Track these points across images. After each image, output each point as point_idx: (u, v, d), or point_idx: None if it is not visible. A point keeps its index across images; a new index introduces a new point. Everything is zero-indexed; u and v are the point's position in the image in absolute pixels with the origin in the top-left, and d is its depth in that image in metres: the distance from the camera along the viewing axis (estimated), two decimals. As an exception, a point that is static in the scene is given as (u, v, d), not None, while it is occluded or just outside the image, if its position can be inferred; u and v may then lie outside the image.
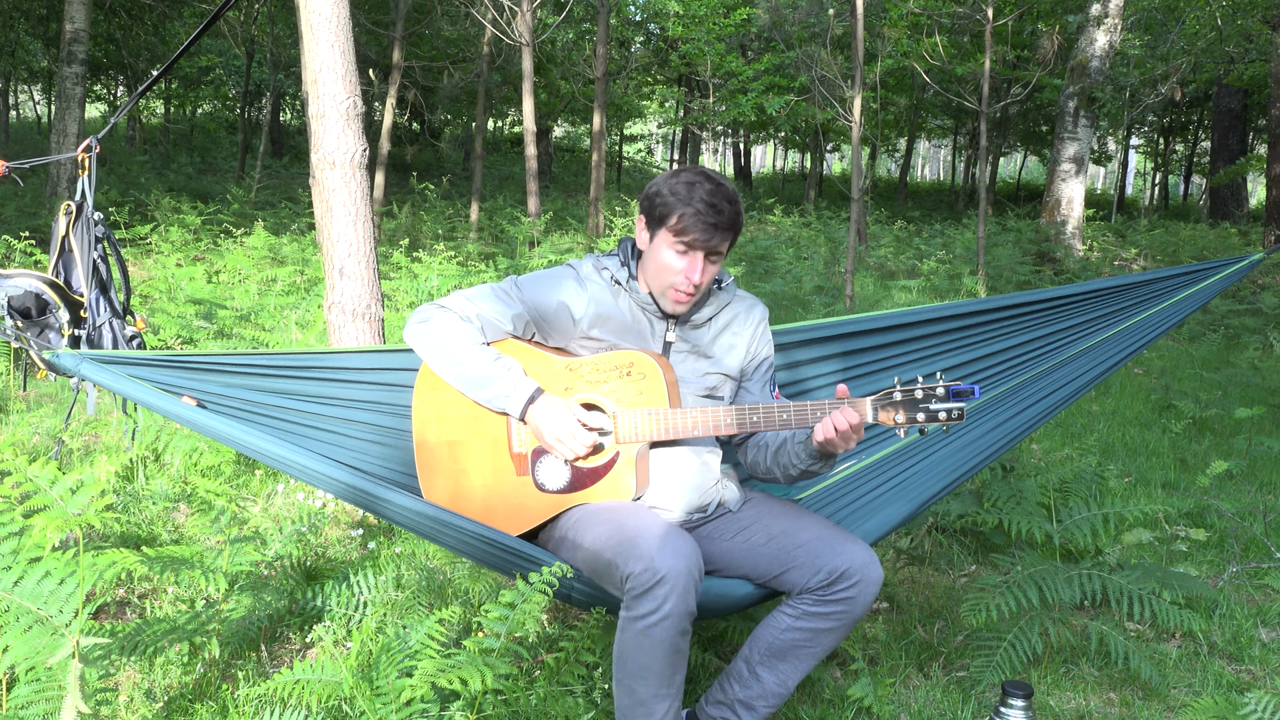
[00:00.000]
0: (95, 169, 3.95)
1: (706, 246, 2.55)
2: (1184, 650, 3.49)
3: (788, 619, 2.60)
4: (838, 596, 2.54)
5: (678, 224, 2.54)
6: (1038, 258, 13.75)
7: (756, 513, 2.77)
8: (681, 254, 2.57)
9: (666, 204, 2.56)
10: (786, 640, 2.60)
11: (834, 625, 2.57)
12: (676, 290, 2.60)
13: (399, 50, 14.74)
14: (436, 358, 2.68)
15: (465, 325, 2.68)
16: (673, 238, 2.56)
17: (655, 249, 2.61)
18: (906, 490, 3.09)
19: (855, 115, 10.18)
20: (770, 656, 2.62)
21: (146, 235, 11.61)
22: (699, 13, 18.44)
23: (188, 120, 31.59)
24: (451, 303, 2.71)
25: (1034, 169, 45.61)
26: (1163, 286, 3.27)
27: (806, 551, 2.60)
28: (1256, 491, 5.19)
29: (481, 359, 2.64)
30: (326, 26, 4.14)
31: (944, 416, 2.43)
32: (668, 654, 2.38)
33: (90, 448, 5.03)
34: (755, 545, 2.70)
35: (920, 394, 2.44)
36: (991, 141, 26.15)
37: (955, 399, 2.43)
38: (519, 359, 2.70)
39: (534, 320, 2.72)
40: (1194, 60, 17.95)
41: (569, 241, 13.27)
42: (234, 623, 3.16)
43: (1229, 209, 21.23)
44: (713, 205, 2.52)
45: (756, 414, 2.56)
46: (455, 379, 2.67)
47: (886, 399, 2.46)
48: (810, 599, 2.57)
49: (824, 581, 2.55)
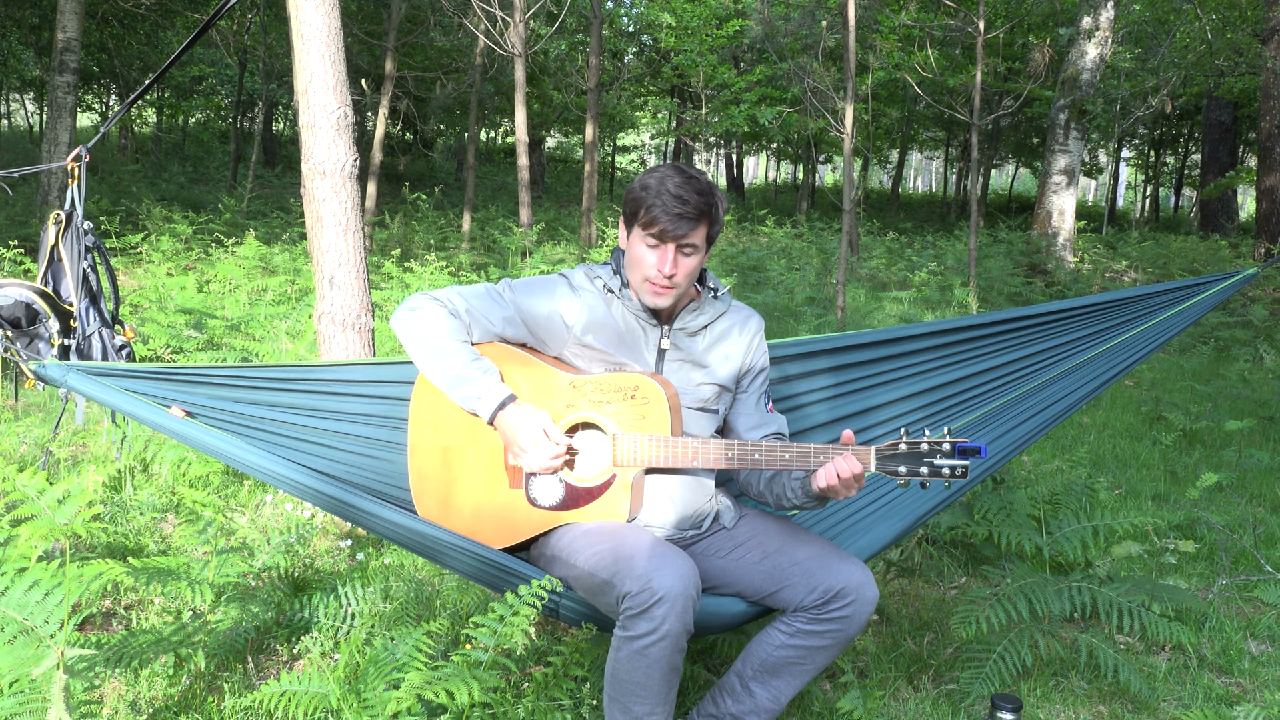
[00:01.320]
0: (85, 178, 3.95)
1: (675, 238, 2.53)
2: (1174, 663, 3.49)
3: (782, 636, 2.59)
4: (832, 615, 2.53)
5: (645, 216, 2.54)
6: (1029, 269, 13.79)
7: (751, 530, 2.75)
8: (653, 247, 2.56)
9: (637, 199, 2.56)
10: (780, 657, 2.59)
11: (828, 644, 2.56)
12: (651, 283, 2.59)
13: (391, 60, 14.75)
14: (417, 347, 2.67)
15: (453, 320, 2.66)
16: (643, 231, 2.56)
17: (631, 245, 2.62)
18: (899, 508, 3.09)
19: (847, 127, 10.21)
20: (763, 672, 2.61)
21: (137, 244, 11.58)
22: (691, 24, 18.48)
23: (180, 129, 31.57)
24: (443, 295, 2.70)
25: (1025, 181, 45.79)
26: (1155, 302, 3.25)
27: (801, 570, 2.59)
28: (1246, 504, 5.20)
29: (461, 356, 2.62)
30: (317, 36, 4.14)
31: (947, 473, 2.42)
32: (664, 673, 2.37)
33: (78, 457, 5.01)
34: (750, 563, 2.69)
35: (926, 448, 2.43)
36: (983, 153, 26.24)
37: (961, 456, 2.42)
38: (516, 367, 2.68)
39: (525, 324, 2.70)
40: (1184, 73, 18.06)
41: (561, 252, 13.27)
42: (220, 634, 3.14)
43: (1219, 221, 21.29)
44: (679, 197, 2.51)
45: (759, 451, 2.54)
46: (431, 371, 2.66)
47: (892, 451, 2.45)
48: (805, 617, 2.56)
49: (819, 600, 2.53)
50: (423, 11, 17.50)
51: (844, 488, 2.46)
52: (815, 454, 2.49)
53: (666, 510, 2.67)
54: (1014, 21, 18.05)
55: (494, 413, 2.60)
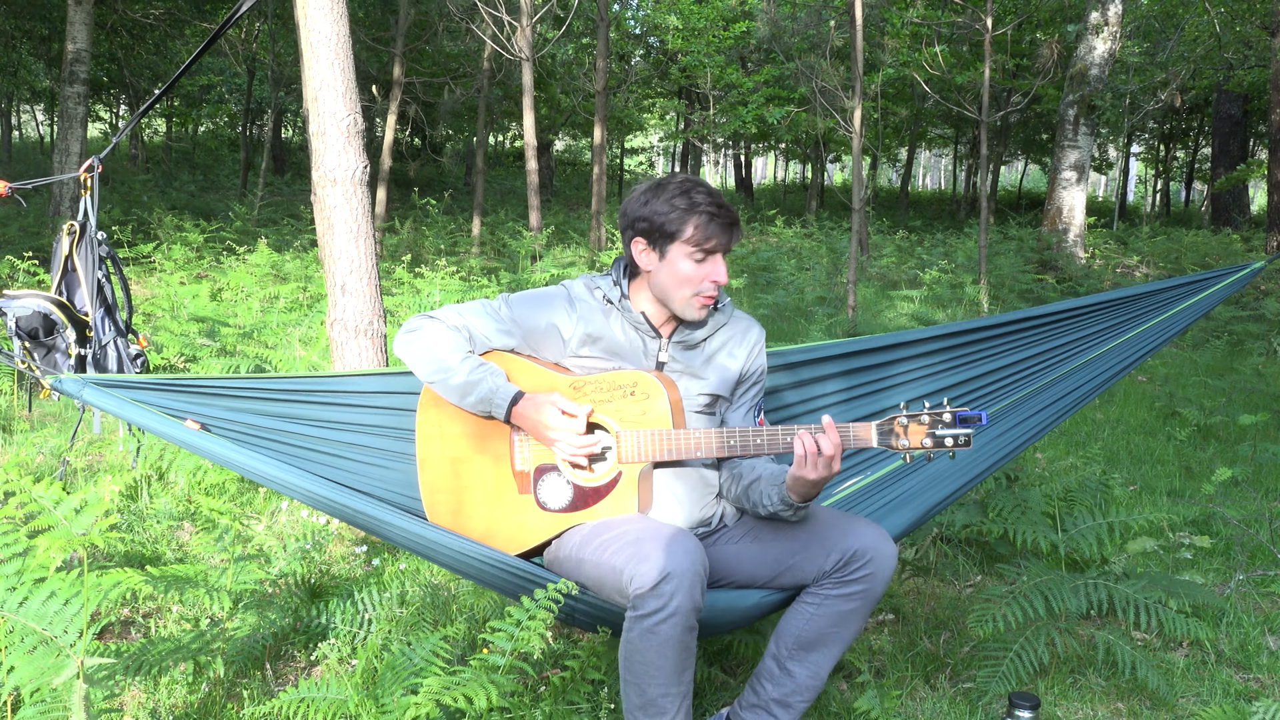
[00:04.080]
0: (98, 188, 3.97)
1: (726, 247, 2.61)
2: (1191, 659, 3.48)
3: (810, 608, 2.62)
4: (856, 575, 2.55)
5: (695, 234, 2.57)
6: (1040, 266, 13.75)
7: (755, 519, 2.78)
8: (700, 261, 2.60)
9: (670, 219, 2.58)
10: (813, 630, 2.61)
11: (857, 605, 2.58)
12: (703, 296, 2.62)
13: (400, 66, 14.79)
14: (423, 366, 2.70)
15: (452, 334, 2.70)
16: (691, 248, 2.58)
17: (670, 265, 2.62)
18: (909, 502, 3.10)
19: (856, 125, 10.20)
20: (799, 649, 2.63)
21: (149, 253, 11.63)
22: (698, 25, 18.47)
23: (190, 138, 31.70)
24: (441, 314, 2.74)
25: (1035, 177, 45.64)
26: (1165, 297, 3.26)
27: (816, 537, 2.62)
28: (1262, 498, 5.18)
29: (466, 365, 2.66)
30: (326, 44, 4.16)
31: (950, 443, 2.43)
32: (676, 651, 2.38)
33: (95, 467, 5.03)
34: (764, 541, 2.71)
35: (927, 419, 2.44)
36: (992, 150, 26.19)
37: (962, 425, 2.42)
38: (519, 373, 2.71)
39: (523, 338, 2.74)
40: (1193, 67, 17.99)
41: (571, 255, 13.28)
42: (239, 641, 3.16)
43: (1231, 215, 21.21)
44: (720, 206, 2.59)
45: (760, 436, 2.57)
46: (441, 386, 2.69)
47: (890, 424, 2.46)
48: (830, 583, 2.58)
49: (839, 562, 2.56)
50: (430, 17, 17.54)
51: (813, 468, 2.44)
52: (814, 431, 2.47)
53: (675, 511, 2.69)
54: (1022, 18, 18.00)
55: (508, 409, 2.63)
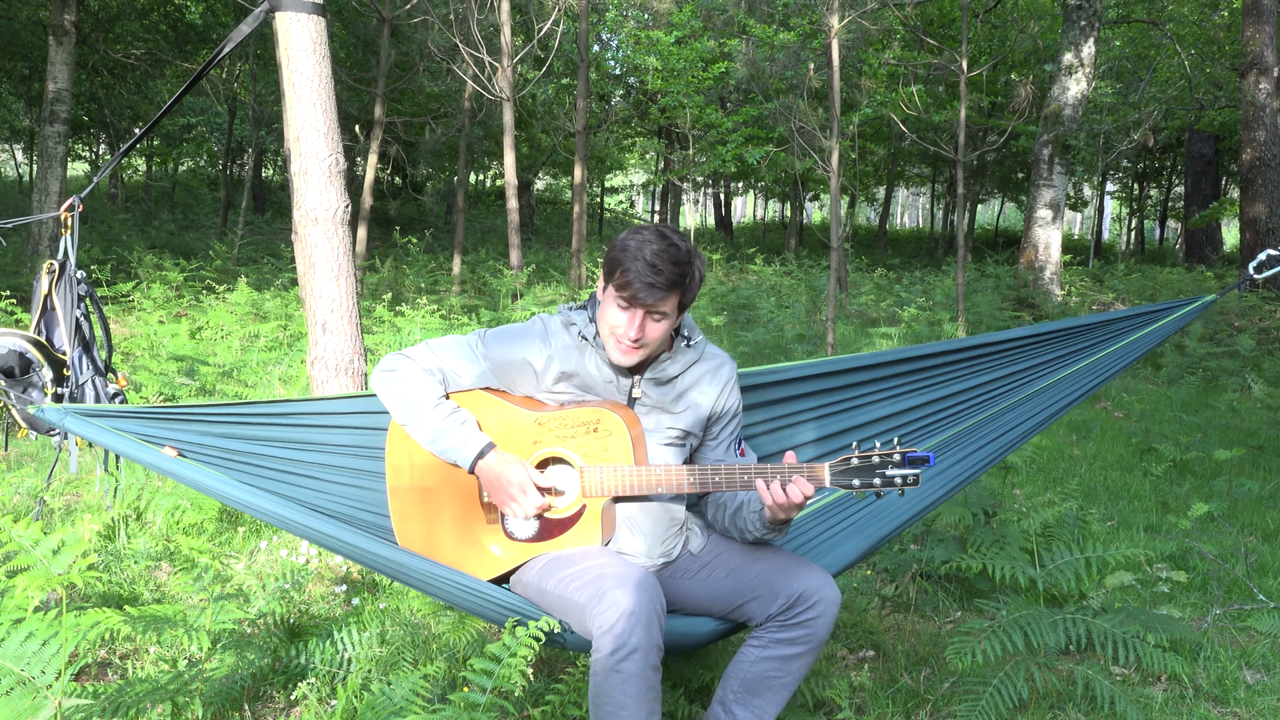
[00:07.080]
0: (78, 227, 3.98)
1: (644, 305, 2.58)
2: (1170, 694, 3.49)
3: (755, 650, 2.68)
4: (799, 620, 2.62)
5: (619, 279, 2.58)
6: (1017, 303, 13.86)
7: (716, 550, 2.84)
8: (623, 309, 2.61)
9: (616, 259, 2.61)
10: (757, 672, 2.67)
11: (801, 650, 2.64)
12: (618, 342, 2.65)
13: (381, 106, 14.85)
14: (397, 407, 2.76)
15: (427, 378, 2.75)
16: (615, 292, 2.61)
17: (605, 300, 2.67)
18: (864, 527, 3.18)
19: (834, 165, 10.30)
20: (744, 693, 2.68)
21: (129, 292, 11.59)
22: (678, 66, 18.67)
23: (170, 177, 31.67)
24: (416, 354, 2.78)
25: (1011, 215, 46.09)
26: (1120, 326, 3.36)
27: (764, 580, 2.69)
28: (1238, 533, 5.22)
29: (438, 412, 2.71)
30: (309, 85, 4.19)
31: (899, 482, 2.54)
32: (640, 690, 2.41)
33: (72, 507, 5.00)
34: (716, 579, 2.78)
35: (877, 459, 2.54)
36: (969, 189, 26.44)
37: (911, 466, 2.53)
38: (486, 411, 2.76)
39: (496, 375, 2.78)
40: (1165, 107, 18.27)
41: (552, 293, 13.31)
42: (217, 682, 3.13)
43: (1205, 252, 21.44)
44: (653, 265, 2.55)
45: (719, 475, 2.63)
46: (412, 428, 2.75)
47: (844, 465, 2.55)
48: (774, 626, 2.66)
49: (784, 606, 2.63)
50: (411, 58, 17.64)
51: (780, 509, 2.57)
52: (772, 473, 2.58)
53: (637, 542, 2.75)
54: (997, 59, 18.28)
55: (473, 463, 2.69)
